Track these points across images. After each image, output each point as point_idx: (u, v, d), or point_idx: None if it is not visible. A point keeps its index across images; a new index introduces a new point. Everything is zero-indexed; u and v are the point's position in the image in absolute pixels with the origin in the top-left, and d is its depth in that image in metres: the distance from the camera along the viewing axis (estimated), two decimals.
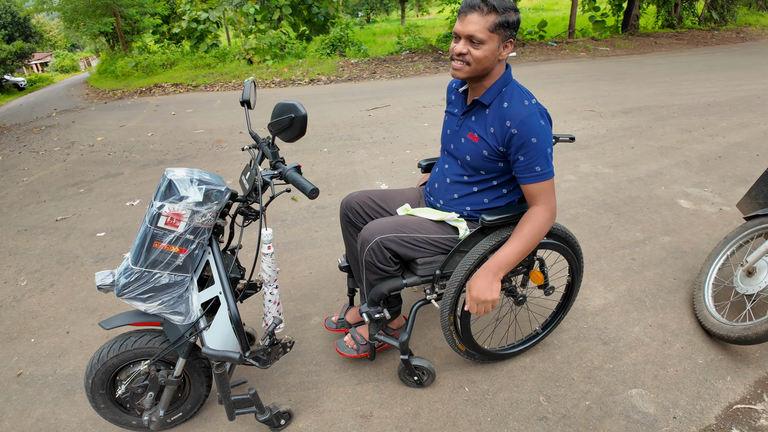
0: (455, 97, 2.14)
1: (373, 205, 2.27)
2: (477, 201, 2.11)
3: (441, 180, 2.19)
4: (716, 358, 2.47)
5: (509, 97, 1.89)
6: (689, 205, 4.06)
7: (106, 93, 15.13)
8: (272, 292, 1.93)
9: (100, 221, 4.49)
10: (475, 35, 1.76)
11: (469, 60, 1.82)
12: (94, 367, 1.90)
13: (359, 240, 2.03)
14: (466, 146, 2.02)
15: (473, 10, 1.76)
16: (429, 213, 2.13)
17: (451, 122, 2.14)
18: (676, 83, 9.03)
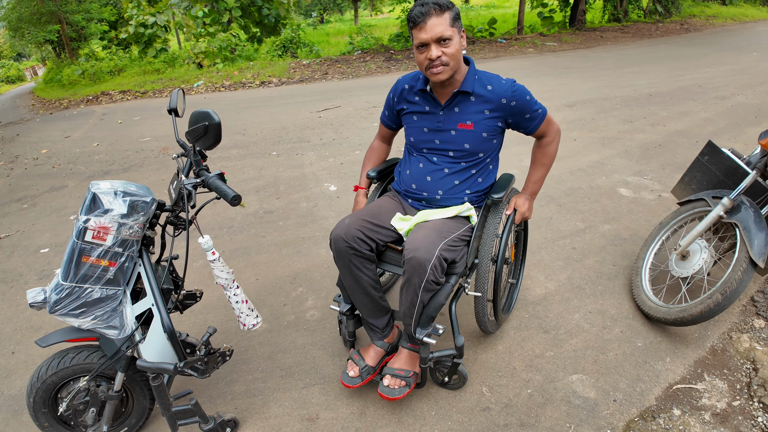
0: (419, 97, 2.20)
1: (371, 226, 2.11)
2: (474, 182, 2.25)
3: (431, 174, 2.22)
4: (655, 340, 2.56)
5: (488, 81, 2.10)
6: (629, 194, 4.20)
7: (53, 103, 14.64)
8: (236, 293, 1.94)
9: (44, 237, 4.37)
10: (443, 34, 1.89)
11: (446, 60, 1.94)
12: (34, 386, 1.88)
13: (410, 264, 1.91)
14: (462, 136, 2.13)
15: (429, 15, 1.88)
16: (439, 213, 2.16)
17: (425, 120, 2.19)
18: (620, 76, 9.30)
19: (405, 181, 2.30)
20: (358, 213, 2.15)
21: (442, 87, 2.11)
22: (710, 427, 2.08)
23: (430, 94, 2.16)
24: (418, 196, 2.27)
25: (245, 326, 2.00)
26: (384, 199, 2.33)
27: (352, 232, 2.03)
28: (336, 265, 2.18)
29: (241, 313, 1.97)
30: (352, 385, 2.17)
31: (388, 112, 2.40)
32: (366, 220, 2.10)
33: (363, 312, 2.23)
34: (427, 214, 2.16)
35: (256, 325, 2.02)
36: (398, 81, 2.31)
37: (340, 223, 2.08)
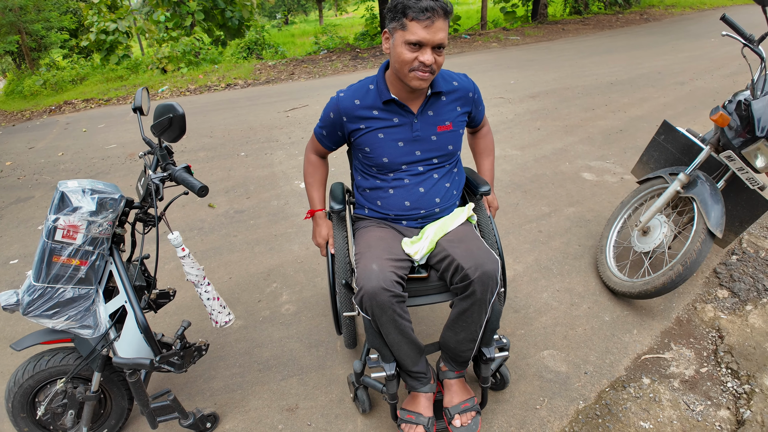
0: (381, 110, 1.94)
1: (396, 263, 1.84)
2: (456, 180, 2.14)
3: (422, 184, 2.01)
4: (622, 314, 2.66)
5: (450, 77, 2.02)
6: (592, 177, 4.32)
7: (14, 115, 14.27)
8: (207, 290, 1.94)
9: (13, 248, 4.30)
10: (443, 42, 1.72)
11: (434, 69, 1.77)
12: (11, 391, 1.88)
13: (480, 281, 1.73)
14: (444, 138, 1.99)
15: (437, 15, 1.68)
16: (451, 221, 2.02)
17: (397, 134, 1.95)
18: (581, 66, 9.49)
19: (392, 204, 2.03)
20: (375, 254, 1.83)
21: (411, 92, 1.91)
22: (680, 394, 2.17)
23: (400, 103, 1.92)
24: (414, 215, 2.04)
25: (217, 324, 2.01)
26: (375, 231, 2.03)
27: (388, 276, 1.74)
28: (373, 324, 1.82)
29: (212, 311, 1.98)
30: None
31: (328, 132, 2.07)
32: (390, 259, 1.83)
33: (407, 363, 1.91)
34: (440, 227, 1.98)
35: (229, 323, 2.03)
36: (339, 99, 1.99)
37: (368, 273, 1.74)
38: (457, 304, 1.85)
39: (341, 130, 2.03)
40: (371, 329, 1.84)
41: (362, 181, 2.12)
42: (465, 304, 1.81)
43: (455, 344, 1.92)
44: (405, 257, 1.91)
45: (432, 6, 1.66)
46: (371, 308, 1.75)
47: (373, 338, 1.86)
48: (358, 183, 2.16)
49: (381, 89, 1.93)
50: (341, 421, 2.13)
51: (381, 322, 1.78)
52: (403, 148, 1.96)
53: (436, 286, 1.96)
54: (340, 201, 2.17)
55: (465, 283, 1.76)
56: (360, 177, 2.14)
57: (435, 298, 1.98)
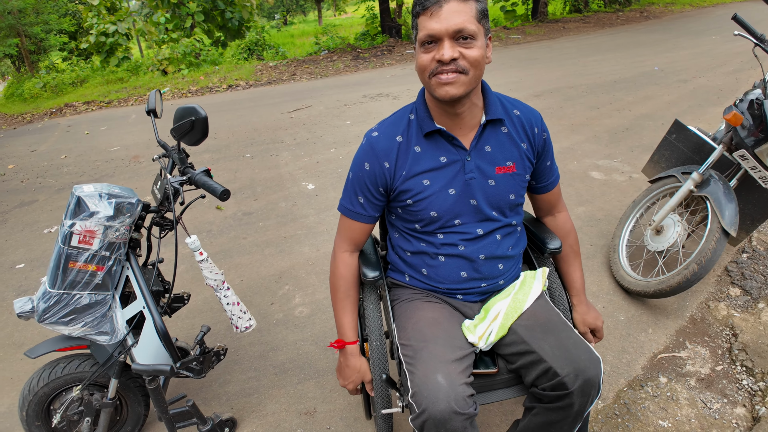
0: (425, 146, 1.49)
1: (463, 366, 1.42)
2: (520, 239, 1.68)
3: (482, 250, 1.57)
4: (636, 313, 2.66)
5: (511, 104, 1.56)
6: (601, 176, 4.30)
7: (15, 118, 14.26)
8: (226, 295, 1.91)
9: (18, 253, 4.28)
10: (465, 28, 1.28)
11: (464, 66, 1.32)
12: (26, 399, 1.85)
13: (581, 391, 1.36)
14: (505, 184, 1.52)
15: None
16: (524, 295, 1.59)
17: (446, 178, 1.50)
18: (584, 64, 9.48)
19: (444, 275, 1.59)
20: (437, 355, 1.39)
21: (458, 119, 1.46)
22: (696, 392, 2.17)
23: (447, 135, 1.47)
24: (473, 288, 1.61)
25: (238, 329, 1.96)
26: (425, 310, 1.58)
27: (460, 393, 1.32)
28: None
29: (233, 316, 1.95)
30: None
31: (368, 196, 1.56)
32: (455, 360, 1.40)
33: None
34: (512, 306, 1.55)
35: (249, 328, 1.97)
36: (373, 141, 1.52)
37: (434, 390, 1.31)
38: (541, 413, 1.45)
39: (383, 184, 1.52)
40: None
41: (401, 240, 1.67)
42: (555, 416, 1.42)
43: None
44: (469, 348, 1.49)
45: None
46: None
47: None
48: (395, 241, 1.71)
49: (422, 117, 1.49)
50: (360, 425, 2.11)
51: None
52: (454, 197, 1.50)
53: (505, 380, 1.57)
54: (374, 266, 1.66)
55: (559, 393, 1.37)
56: (397, 234, 1.68)
57: (504, 393, 1.58)
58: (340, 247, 1.66)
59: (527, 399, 1.53)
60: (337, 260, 1.66)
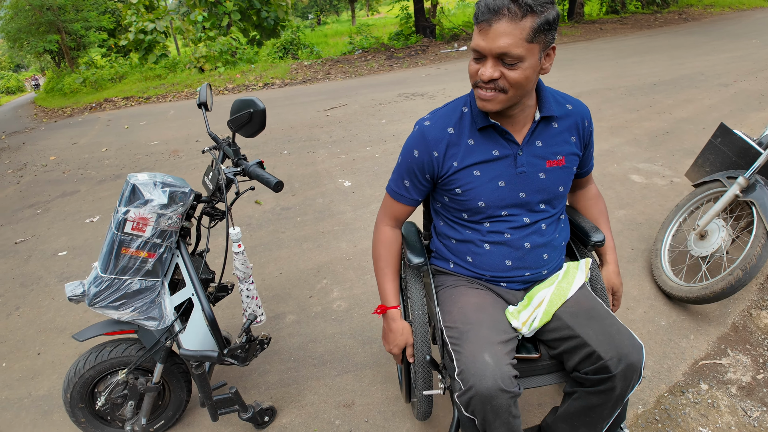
0: (478, 139, 1.52)
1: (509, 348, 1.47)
2: (565, 230, 1.73)
3: (528, 238, 1.59)
4: (678, 319, 2.61)
5: (564, 99, 1.60)
6: (641, 180, 4.23)
7: (55, 111, 14.70)
8: (248, 288, 1.94)
9: (61, 240, 4.40)
10: (509, 51, 1.27)
11: (504, 86, 1.34)
12: (71, 381, 1.89)
13: (623, 375, 1.39)
14: (555, 177, 1.56)
15: (500, 15, 1.25)
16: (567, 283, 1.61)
17: (497, 170, 1.53)
18: (622, 66, 9.32)
19: (489, 263, 1.63)
20: (483, 337, 1.44)
21: (511, 116, 1.49)
22: (737, 400, 2.13)
23: (501, 130, 1.50)
24: (517, 277, 1.64)
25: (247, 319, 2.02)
26: (469, 295, 1.62)
27: (506, 372, 1.36)
28: (479, 427, 1.43)
29: (247, 308, 1.98)
30: None
31: (414, 181, 1.62)
32: (501, 342, 1.45)
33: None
34: (556, 293, 1.57)
35: (260, 322, 1.99)
36: (424, 130, 1.55)
37: (480, 367, 1.36)
38: (583, 397, 1.48)
39: (430, 171, 1.57)
40: (473, 429, 1.47)
41: (446, 228, 1.71)
42: (596, 399, 1.45)
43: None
44: (513, 333, 1.53)
45: (494, 5, 1.25)
46: (483, 412, 1.37)
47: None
48: (440, 229, 1.74)
49: (476, 112, 1.50)
50: (398, 419, 2.12)
51: (492, 427, 1.40)
52: (504, 189, 1.53)
53: (546, 366, 1.59)
54: (419, 252, 1.70)
55: (602, 377, 1.40)
56: (442, 223, 1.72)
57: (545, 379, 1.60)
58: (382, 221, 1.74)
59: (568, 384, 1.56)
60: (379, 232, 1.74)
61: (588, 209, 1.85)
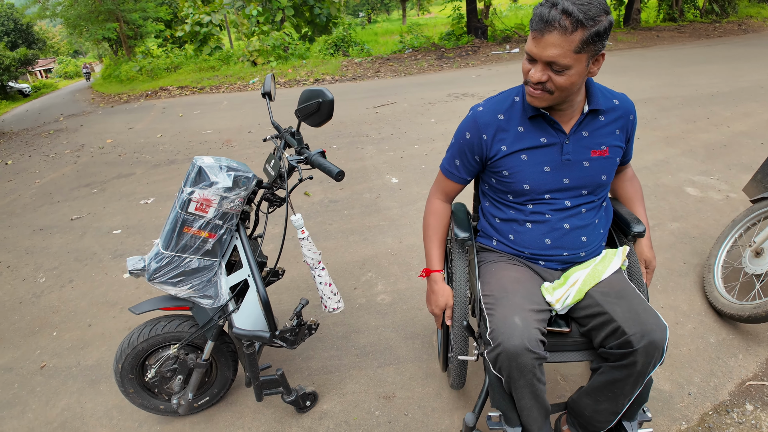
0: (528, 127, 1.64)
1: (540, 316, 1.57)
2: (606, 218, 1.81)
3: (567, 220, 1.70)
4: (727, 337, 2.53)
5: (611, 93, 1.70)
6: (696, 192, 4.11)
7: (112, 97, 15.24)
8: (320, 274, 1.97)
9: (116, 219, 4.57)
10: (557, 61, 1.38)
11: (550, 88, 1.46)
12: (124, 352, 1.96)
13: (645, 351, 1.45)
14: (598, 166, 1.66)
15: (552, 27, 1.34)
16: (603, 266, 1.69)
17: (544, 156, 1.64)
18: (679, 75, 9.06)
19: (529, 240, 1.73)
20: (516, 303, 1.56)
21: (561, 107, 1.60)
22: None
23: (550, 119, 1.61)
24: (555, 256, 1.73)
25: (326, 308, 2.02)
26: (508, 269, 1.74)
27: (533, 335, 1.47)
28: (505, 385, 1.58)
29: (323, 295, 2.01)
30: None
31: (464, 161, 1.75)
32: (532, 309, 1.56)
33: (532, 428, 1.65)
34: (591, 274, 1.67)
35: (337, 309, 2.02)
36: (476, 115, 1.68)
37: (510, 328, 1.48)
38: (606, 372, 1.55)
39: (479, 153, 1.70)
40: (500, 389, 1.60)
41: (491, 208, 1.83)
42: (618, 374, 1.52)
43: (592, 413, 1.65)
44: (546, 307, 1.63)
45: (547, 17, 1.34)
46: (509, 369, 1.49)
47: (500, 399, 1.63)
48: (486, 209, 1.87)
49: (527, 102, 1.61)
50: (438, 415, 2.13)
51: (517, 385, 1.52)
52: (549, 174, 1.64)
53: (576, 343, 1.68)
54: (465, 228, 1.82)
55: (624, 351, 1.47)
56: (488, 203, 1.85)
57: (574, 355, 1.69)
58: (434, 194, 1.90)
59: (595, 361, 1.64)
60: (430, 203, 1.90)
61: (624, 189, 1.96)
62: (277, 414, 2.19)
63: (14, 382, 2.59)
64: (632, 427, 1.68)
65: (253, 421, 2.17)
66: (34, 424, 2.31)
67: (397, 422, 2.11)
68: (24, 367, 2.70)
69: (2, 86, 26.21)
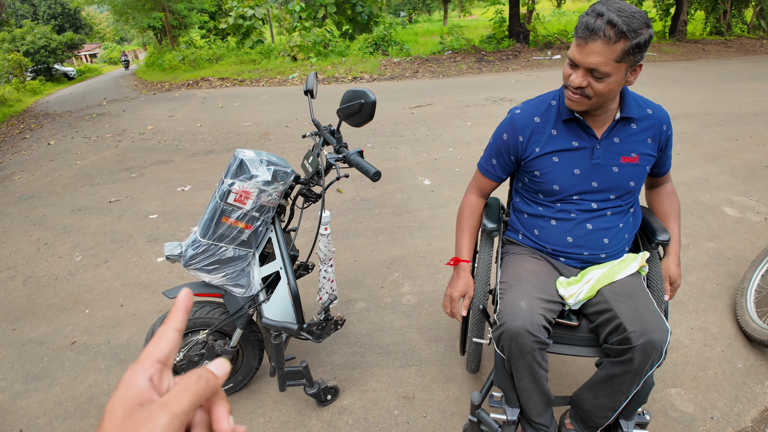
0: (561, 130, 1.72)
1: (546, 305, 1.65)
2: (632, 224, 1.85)
3: (592, 221, 1.77)
4: (755, 363, 2.48)
5: (645, 103, 1.74)
6: (734, 213, 4.02)
7: (154, 85, 15.59)
8: (327, 270, 2.03)
9: (152, 204, 4.69)
10: (599, 69, 1.45)
11: (589, 94, 1.53)
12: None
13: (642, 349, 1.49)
14: (627, 172, 1.71)
15: (596, 36, 1.41)
16: (619, 268, 1.74)
17: (575, 159, 1.71)
18: (724, 91, 8.84)
19: (552, 237, 1.81)
20: (526, 290, 1.65)
21: (594, 113, 1.66)
22: None
23: (583, 124, 1.68)
24: (575, 254, 1.80)
25: (320, 300, 2.10)
26: (528, 261, 1.83)
27: (536, 319, 1.56)
28: (506, 365, 1.68)
29: (322, 287, 2.07)
30: None
31: (500, 160, 1.85)
32: (540, 298, 1.64)
33: (532, 413, 1.72)
34: (606, 273, 1.72)
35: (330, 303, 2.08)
36: (514, 117, 1.78)
37: (515, 311, 1.58)
38: (606, 367, 1.60)
39: (515, 153, 1.79)
40: (502, 369, 1.70)
41: (522, 204, 1.92)
42: (616, 369, 1.57)
43: (591, 407, 1.70)
44: (557, 299, 1.71)
45: (593, 26, 1.41)
46: (509, 349, 1.59)
47: (502, 378, 1.73)
48: (517, 205, 1.96)
49: (562, 106, 1.70)
50: (456, 420, 2.14)
51: (516, 365, 1.62)
52: (578, 176, 1.71)
53: (584, 338, 1.74)
54: (494, 220, 1.94)
55: (623, 347, 1.52)
56: (519, 199, 1.94)
57: (580, 350, 1.75)
58: (471, 190, 1.99)
59: (599, 357, 1.70)
60: (466, 198, 1.99)
61: (661, 204, 1.97)
62: (298, 405, 2.23)
63: (44, 356, 2.69)
64: (629, 425, 1.73)
65: (274, 411, 2.22)
66: (61, 397, 2.40)
67: (415, 423, 2.13)
68: (55, 342, 2.80)
69: (48, 68, 27.01)
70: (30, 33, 25.97)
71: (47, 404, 2.36)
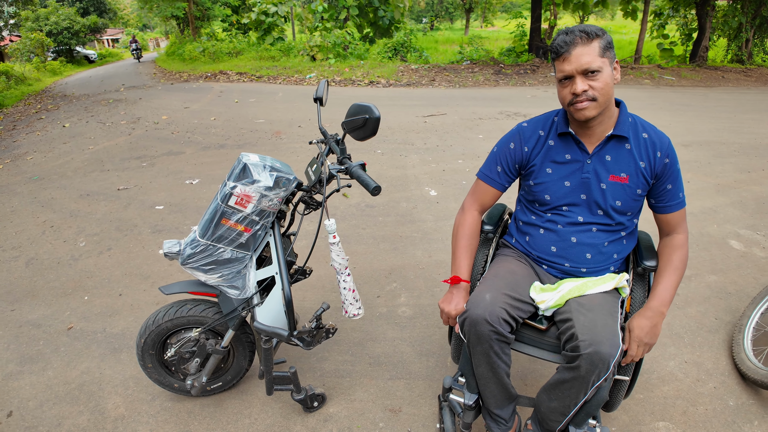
0: (557, 143, 1.83)
1: (512, 302, 1.74)
2: (622, 245, 1.89)
3: (576, 234, 1.84)
4: (747, 402, 2.45)
5: (642, 127, 1.78)
6: (740, 247, 3.98)
7: (173, 74, 15.69)
8: (345, 280, 2.02)
9: (160, 195, 4.72)
10: (590, 66, 1.60)
11: (594, 95, 1.63)
12: (148, 328, 2.04)
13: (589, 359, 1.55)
14: (614, 191, 1.77)
15: (574, 44, 1.61)
16: (593, 284, 1.79)
17: (566, 171, 1.81)
18: (740, 121, 8.77)
19: (538, 245, 1.92)
20: (495, 285, 1.76)
21: (588, 129, 1.76)
22: None
23: (576, 138, 1.78)
24: (557, 264, 1.89)
25: (347, 313, 2.08)
26: (511, 263, 1.93)
27: (496, 312, 1.66)
28: (467, 350, 1.79)
29: (345, 300, 2.06)
30: None
31: (505, 167, 1.93)
32: (507, 294, 1.73)
33: (490, 403, 1.84)
34: (579, 286, 1.78)
35: (357, 316, 2.08)
36: (521, 129, 1.91)
37: (479, 300, 1.70)
38: (560, 371, 1.68)
39: (520, 162, 1.90)
40: (465, 353, 1.84)
41: (520, 212, 2.02)
42: (566, 375, 1.64)
43: (546, 410, 1.78)
44: (528, 301, 1.79)
45: (567, 39, 1.62)
46: (469, 334, 1.72)
47: (464, 362, 1.87)
48: (516, 212, 2.06)
49: (560, 121, 1.82)
50: None
51: (474, 351, 1.74)
52: (568, 188, 1.81)
53: (551, 343, 1.80)
54: (493, 223, 2.04)
55: (573, 354, 1.59)
56: (520, 208, 2.03)
57: (543, 353, 1.81)
58: (470, 205, 2.02)
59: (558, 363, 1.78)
60: (465, 214, 2.01)
61: (662, 255, 1.87)
62: (284, 410, 2.24)
63: (40, 339, 2.72)
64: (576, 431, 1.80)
65: (260, 413, 2.23)
66: (53, 382, 2.42)
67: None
68: (52, 326, 2.83)
69: (70, 50, 27.24)
70: (54, 14, 26.20)
71: (39, 387, 2.39)
